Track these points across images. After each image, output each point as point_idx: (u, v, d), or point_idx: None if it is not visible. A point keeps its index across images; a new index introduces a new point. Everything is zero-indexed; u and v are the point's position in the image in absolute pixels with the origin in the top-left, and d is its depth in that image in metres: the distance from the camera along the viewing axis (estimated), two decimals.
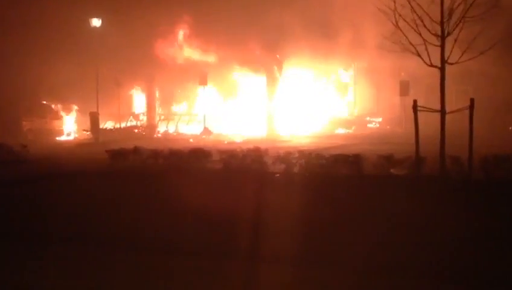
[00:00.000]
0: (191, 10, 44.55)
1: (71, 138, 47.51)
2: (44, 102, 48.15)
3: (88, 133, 45.23)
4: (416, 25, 19.49)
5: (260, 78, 47.63)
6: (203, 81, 46.01)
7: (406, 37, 19.60)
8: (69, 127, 49.26)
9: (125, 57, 44.63)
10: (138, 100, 53.28)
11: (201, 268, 10.20)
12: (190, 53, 47.77)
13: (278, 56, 45.80)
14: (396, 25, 19.61)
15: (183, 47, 47.85)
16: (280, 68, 46.78)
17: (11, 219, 14.50)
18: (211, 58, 47.25)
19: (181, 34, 47.69)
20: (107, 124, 48.09)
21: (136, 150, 23.80)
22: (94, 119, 44.12)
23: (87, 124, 45.39)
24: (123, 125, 48.66)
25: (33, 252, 11.42)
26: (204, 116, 46.38)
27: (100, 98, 43.38)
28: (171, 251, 11.27)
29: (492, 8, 19.35)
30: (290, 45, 42.85)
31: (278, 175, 20.49)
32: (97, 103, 43.24)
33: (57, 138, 45.88)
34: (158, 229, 12.86)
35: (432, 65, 19.94)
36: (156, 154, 23.40)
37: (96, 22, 43.10)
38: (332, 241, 11.73)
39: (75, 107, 49.74)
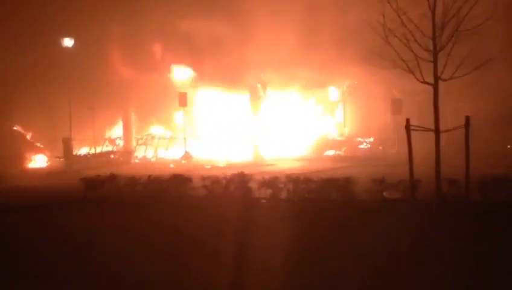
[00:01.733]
0: (170, 29, 44.63)
1: (43, 165, 47.19)
2: (15, 128, 47.90)
3: (61, 159, 44.93)
4: (407, 40, 19.56)
5: (244, 99, 47.65)
6: (183, 102, 45.92)
7: (397, 52, 19.64)
8: (41, 154, 48.93)
9: (99, 79, 44.54)
10: (114, 124, 53.07)
11: None
12: (171, 73, 47.80)
13: (262, 75, 45.88)
14: (386, 40, 19.66)
15: (162, 68, 47.85)
16: (264, 87, 46.86)
17: None
18: (190, 78, 47.28)
19: (159, 53, 47.71)
20: (82, 150, 47.83)
21: (112, 178, 23.58)
22: (67, 145, 43.85)
23: (60, 150, 45.10)
24: (98, 150, 48.42)
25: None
26: (185, 140, 46.26)
27: (73, 123, 43.17)
28: None
29: (486, 21, 19.45)
30: (274, 63, 42.96)
31: (264, 201, 20.42)
32: (70, 128, 43.01)
33: (28, 166, 45.55)
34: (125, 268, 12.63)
35: (424, 82, 20.00)
36: (133, 181, 23.22)
37: (68, 42, 43.01)
38: (323, 274, 11.63)
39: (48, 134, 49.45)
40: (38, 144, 49.10)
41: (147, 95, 47.78)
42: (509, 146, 40.12)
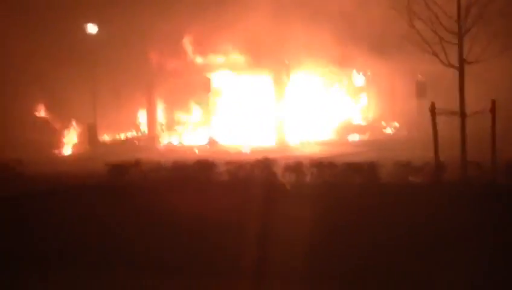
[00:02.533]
0: (195, 15, 44.58)
1: (69, 151, 47.52)
2: (40, 114, 48.24)
3: (86, 145, 45.23)
4: (432, 23, 19.39)
5: (268, 85, 47.56)
6: (207, 88, 45.98)
7: (422, 35, 19.50)
8: (66, 139, 49.26)
9: (124, 65, 44.70)
10: (139, 110, 53.26)
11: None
12: (193, 59, 47.82)
13: (286, 61, 45.76)
14: (411, 24, 19.52)
15: (186, 53, 47.89)
16: (288, 73, 46.74)
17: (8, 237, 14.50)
18: (215, 64, 47.28)
19: (184, 40, 47.72)
20: (106, 136, 48.10)
21: (137, 163, 23.67)
22: (92, 131, 44.12)
23: (85, 136, 45.40)
24: (123, 136, 48.65)
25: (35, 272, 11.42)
26: (210, 126, 46.34)
27: (98, 109, 43.41)
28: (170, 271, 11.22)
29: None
30: (299, 49, 42.81)
31: (288, 186, 20.41)
32: (94, 114, 43.27)
33: (54, 152, 45.89)
34: (159, 249, 12.80)
35: (449, 65, 19.84)
36: (158, 167, 23.30)
37: (91, 28, 43.22)
38: (351, 258, 11.61)
39: (73, 120, 49.77)
40: (64, 130, 49.40)
41: (171, 81, 47.88)
42: None
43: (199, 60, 47.93)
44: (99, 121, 44.29)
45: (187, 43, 47.95)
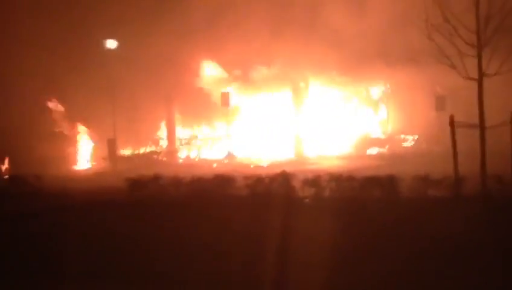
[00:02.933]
0: (213, 30, 44.71)
1: (88, 166, 47.70)
2: (60, 129, 48.48)
3: (106, 160, 45.39)
4: (451, 35, 19.33)
5: (286, 99, 47.56)
6: (226, 103, 46.09)
7: (440, 48, 19.44)
8: (85, 154, 49.48)
9: (143, 80, 44.90)
10: (158, 125, 53.41)
11: None
12: (212, 73, 47.92)
13: (305, 75, 45.82)
14: (430, 37, 19.46)
15: (204, 68, 48.01)
16: (307, 86, 46.73)
17: (26, 253, 14.54)
18: (234, 78, 47.35)
19: (203, 54, 47.83)
20: (126, 151, 48.25)
21: (156, 178, 23.69)
22: (111, 146, 44.32)
23: (104, 151, 45.59)
24: (142, 151, 48.79)
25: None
26: (228, 140, 46.41)
27: (117, 124, 43.59)
28: None
29: None
30: (317, 62, 42.81)
31: (307, 200, 20.35)
32: (114, 129, 43.46)
33: (73, 167, 46.09)
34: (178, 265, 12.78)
35: (468, 78, 19.75)
36: (177, 181, 23.31)
37: (111, 44, 43.54)
38: (372, 273, 11.53)
39: (93, 135, 49.98)
40: (83, 145, 49.62)
41: (190, 95, 47.99)
42: None
43: (218, 74, 48.01)
44: (119, 135, 44.47)
45: (206, 58, 48.06)
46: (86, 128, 49.06)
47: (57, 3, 43.62)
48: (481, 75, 19.46)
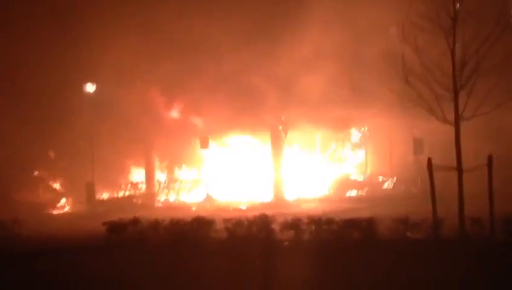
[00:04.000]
0: (189, 73, 44.88)
1: (65, 210, 47.35)
2: (37, 173, 48.21)
3: (84, 204, 45.13)
4: (427, 80, 19.59)
5: (265, 141, 47.69)
6: (205, 145, 46.14)
7: (418, 92, 19.68)
8: (63, 199, 49.15)
9: (121, 123, 44.90)
10: (137, 168, 53.28)
11: None
12: (189, 117, 48.00)
13: (283, 118, 45.98)
14: (407, 81, 19.71)
15: (181, 112, 48.07)
16: (286, 129, 46.91)
17: None
18: (211, 121, 47.44)
19: (177, 99, 47.88)
20: (104, 195, 48.01)
21: (135, 221, 23.59)
22: (90, 190, 44.11)
23: (82, 194, 45.34)
24: (121, 194, 48.58)
25: None
26: (207, 183, 46.36)
27: (96, 167, 43.47)
28: None
29: (507, 59, 19.50)
30: (296, 107, 43.05)
31: (286, 243, 20.34)
32: (93, 172, 43.32)
33: (51, 211, 45.70)
34: None
35: (445, 121, 19.98)
36: (156, 225, 23.21)
37: (90, 88, 43.68)
38: None
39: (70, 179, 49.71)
40: (61, 189, 49.33)
41: (169, 138, 47.98)
42: None
43: (197, 120, 48.13)
44: (98, 179, 44.30)
45: (184, 102, 48.13)
46: (65, 172, 48.83)
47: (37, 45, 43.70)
48: (458, 118, 19.69)
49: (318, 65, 41.57)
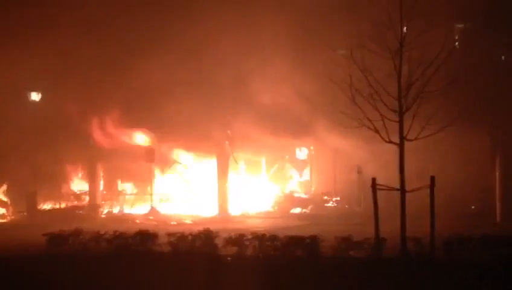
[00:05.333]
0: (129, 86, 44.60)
1: (6, 220, 46.42)
2: None
3: (25, 214, 44.35)
4: (374, 100, 19.82)
5: (211, 156, 47.63)
6: (150, 159, 45.82)
7: (363, 112, 19.88)
8: (3, 209, 48.20)
9: (66, 133, 44.34)
10: (80, 179, 52.63)
11: None
12: (132, 131, 47.73)
13: (228, 132, 45.98)
14: (353, 101, 19.92)
15: (123, 126, 47.71)
16: (232, 145, 46.91)
17: None
18: (157, 135, 47.21)
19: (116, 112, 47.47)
20: (47, 205, 47.26)
21: (76, 233, 23.29)
22: (31, 200, 43.37)
23: (23, 204, 44.55)
24: (64, 205, 47.86)
25: None
26: (152, 196, 46.02)
27: (38, 177, 42.78)
28: None
29: (451, 83, 19.87)
30: (241, 125, 43.07)
31: (229, 259, 20.29)
32: (35, 182, 42.61)
33: None
34: None
35: (390, 142, 20.22)
36: (98, 237, 22.97)
37: (34, 96, 43.17)
38: None
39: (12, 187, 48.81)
40: (1, 198, 48.40)
41: (114, 150, 47.53)
42: (473, 207, 40.44)
43: (140, 134, 47.84)
44: (40, 189, 43.59)
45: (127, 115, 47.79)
46: (5, 181, 47.95)
47: None
48: (402, 139, 19.95)
49: (264, 83, 41.78)
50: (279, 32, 40.36)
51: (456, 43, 38.44)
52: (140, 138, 47.62)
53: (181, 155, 49.35)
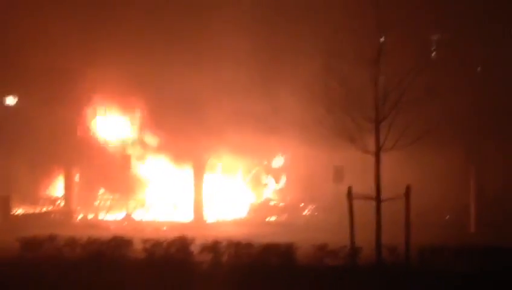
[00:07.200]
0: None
1: None
2: None
3: None
4: (350, 110, 19.91)
5: (187, 164, 47.59)
6: (127, 165, 45.75)
7: (339, 122, 19.96)
8: None
9: (41, 138, 44.09)
10: (56, 184, 52.30)
11: None
12: (111, 138, 47.59)
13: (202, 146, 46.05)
14: (329, 110, 19.99)
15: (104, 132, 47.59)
16: (207, 154, 46.90)
17: None
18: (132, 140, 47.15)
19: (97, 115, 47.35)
20: (20, 210, 46.89)
21: (51, 238, 23.15)
22: (5, 204, 43.05)
23: None
24: (38, 210, 47.52)
25: None
26: (127, 202, 45.88)
27: (12, 182, 42.48)
28: None
29: (426, 94, 20.03)
30: (215, 134, 43.08)
31: (204, 265, 20.28)
32: (9, 186, 42.32)
33: None
34: None
35: (366, 151, 20.33)
36: (73, 242, 22.84)
37: (10, 100, 42.94)
38: None
39: None
40: None
41: (90, 156, 47.33)
42: (447, 216, 40.79)
43: (117, 139, 47.69)
44: (14, 194, 43.27)
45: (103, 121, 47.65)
46: None
47: None
48: (378, 149, 20.06)
49: (238, 92, 41.81)
50: (256, 37, 40.52)
51: (433, 54, 38.79)
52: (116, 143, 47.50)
53: (158, 162, 49.26)
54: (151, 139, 46.29)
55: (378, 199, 20.02)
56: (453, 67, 36.84)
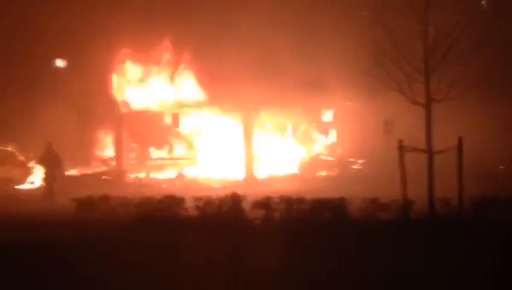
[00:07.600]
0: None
1: (34, 186, 46.95)
2: (5, 148, 47.77)
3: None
4: (399, 61, 19.72)
5: (237, 120, 47.78)
6: (176, 123, 46.12)
7: (388, 74, 19.81)
8: (34, 175, 48.71)
9: (91, 99, 44.69)
10: (106, 144, 52.99)
11: None
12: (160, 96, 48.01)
13: (251, 105, 46.12)
14: (378, 61, 19.84)
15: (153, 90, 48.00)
16: (257, 109, 46.98)
17: None
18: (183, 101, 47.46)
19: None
20: (73, 171, 47.67)
21: (104, 198, 23.61)
22: (59, 166, 43.73)
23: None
24: (90, 171, 48.26)
25: None
26: (179, 160, 46.34)
27: (64, 143, 43.15)
28: None
29: (478, 44, 19.70)
30: (265, 90, 43.10)
31: (257, 221, 20.45)
32: (61, 149, 42.98)
33: (17, 187, 45.23)
34: None
35: (416, 103, 20.16)
36: (126, 202, 23.26)
37: (59, 63, 43.47)
38: None
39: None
40: (30, 165, 48.87)
41: (140, 115, 47.86)
42: (501, 167, 40.29)
43: (166, 98, 48.04)
44: (66, 155, 43.98)
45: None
46: (32, 148, 48.36)
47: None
48: (429, 100, 19.87)
49: (286, 48, 41.64)
50: None
51: (483, 2, 38.03)
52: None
53: (208, 119, 49.52)
54: (202, 96, 46.62)
55: (429, 151, 19.88)
56: (504, 16, 36.10)
